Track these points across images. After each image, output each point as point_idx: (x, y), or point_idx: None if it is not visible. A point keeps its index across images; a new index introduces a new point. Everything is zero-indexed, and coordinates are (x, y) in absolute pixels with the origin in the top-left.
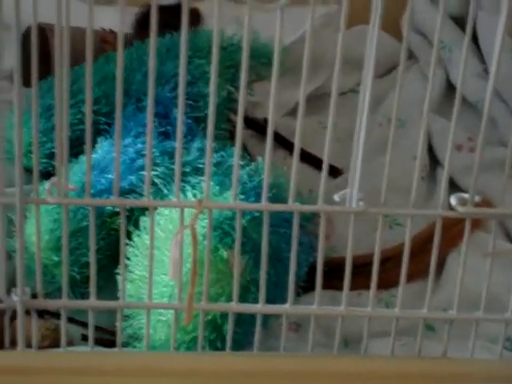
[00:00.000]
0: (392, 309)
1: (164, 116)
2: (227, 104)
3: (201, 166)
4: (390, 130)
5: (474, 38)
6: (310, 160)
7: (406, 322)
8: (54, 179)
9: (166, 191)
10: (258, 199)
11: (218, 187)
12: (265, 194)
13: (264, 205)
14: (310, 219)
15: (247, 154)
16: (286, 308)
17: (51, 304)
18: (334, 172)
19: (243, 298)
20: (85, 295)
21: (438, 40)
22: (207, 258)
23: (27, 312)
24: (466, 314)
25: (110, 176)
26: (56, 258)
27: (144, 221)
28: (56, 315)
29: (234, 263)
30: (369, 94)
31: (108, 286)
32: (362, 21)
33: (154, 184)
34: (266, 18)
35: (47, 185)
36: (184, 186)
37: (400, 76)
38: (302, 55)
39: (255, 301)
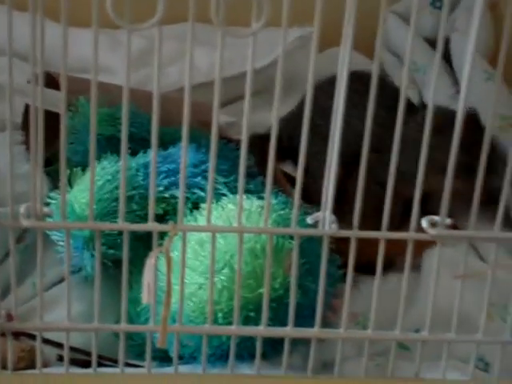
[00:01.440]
0: (365, 330)
1: None
2: None
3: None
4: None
5: (449, 60)
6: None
7: (382, 343)
8: (29, 203)
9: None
10: None
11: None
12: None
13: (238, 227)
14: None
15: None
16: (260, 330)
17: (27, 326)
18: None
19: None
20: None
21: (408, 59)
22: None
23: (2, 334)
24: (438, 335)
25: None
26: None
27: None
28: (31, 336)
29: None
30: (340, 115)
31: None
32: (336, 43)
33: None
34: (240, 41)
35: (22, 208)
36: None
37: (372, 98)
38: (275, 78)
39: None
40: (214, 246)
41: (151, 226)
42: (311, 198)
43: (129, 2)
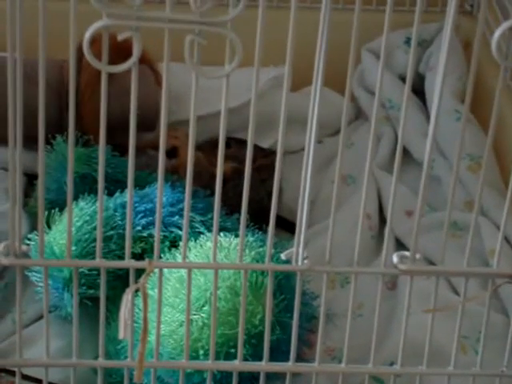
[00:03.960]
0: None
1: None
2: None
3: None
4: (341, 187)
5: (423, 98)
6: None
7: (356, 376)
8: (8, 241)
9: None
10: None
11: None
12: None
13: (213, 264)
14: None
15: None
16: (236, 365)
17: (7, 362)
18: (293, 228)
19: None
20: None
21: (378, 95)
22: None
23: None
24: (410, 368)
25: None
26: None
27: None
28: (11, 372)
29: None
30: (312, 152)
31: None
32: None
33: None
34: (215, 82)
35: (1, 246)
36: None
37: (342, 133)
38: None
39: None
40: (189, 282)
41: (128, 263)
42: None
43: (106, 46)
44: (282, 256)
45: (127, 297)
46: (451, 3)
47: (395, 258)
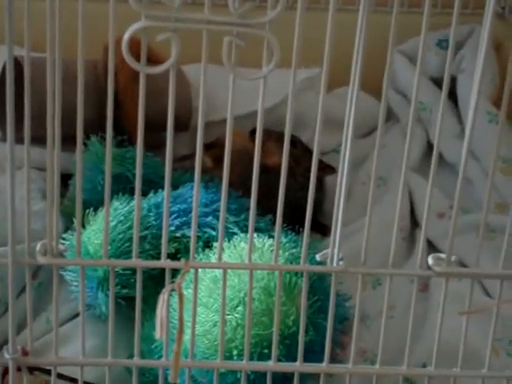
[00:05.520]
0: (373, 366)
1: None
2: None
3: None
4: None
5: (455, 100)
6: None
7: (389, 378)
8: (45, 240)
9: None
10: None
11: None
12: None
13: (248, 264)
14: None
15: None
16: (270, 365)
17: (42, 361)
18: (323, 229)
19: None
20: None
21: (415, 99)
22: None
23: (18, 369)
24: (444, 371)
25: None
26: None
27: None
28: (46, 371)
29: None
30: (349, 153)
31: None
32: (344, 83)
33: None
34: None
35: (38, 245)
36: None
37: (379, 135)
38: (285, 117)
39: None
40: (224, 282)
41: (164, 263)
42: None
43: (145, 48)
44: (317, 257)
45: (163, 297)
46: (488, 11)
47: (430, 260)
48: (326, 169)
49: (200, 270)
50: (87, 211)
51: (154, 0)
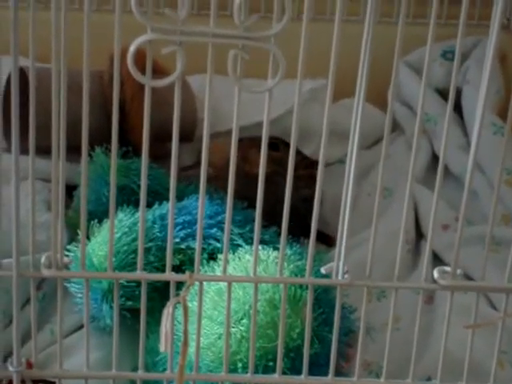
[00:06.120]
0: (378, 379)
1: None
2: None
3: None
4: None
5: (459, 111)
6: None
7: None
8: (49, 253)
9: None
10: None
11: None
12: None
13: (253, 278)
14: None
15: None
16: (275, 378)
17: (46, 374)
18: (328, 240)
19: None
20: None
21: (421, 111)
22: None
23: (22, 381)
24: None
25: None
26: None
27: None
28: (51, 383)
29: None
30: (354, 164)
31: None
32: (348, 94)
33: None
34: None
35: (43, 258)
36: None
37: (385, 145)
38: (289, 127)
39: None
40: (229, 295)
41: (168, 275)
42: None
43: (150, 61)
44: (322, 270)
45: (168, 310)
46: (494, 22)
47: (436, 274)
48: (315, 164)
49: (205, 282)
50: (92, 223)
51: (158, 11)
